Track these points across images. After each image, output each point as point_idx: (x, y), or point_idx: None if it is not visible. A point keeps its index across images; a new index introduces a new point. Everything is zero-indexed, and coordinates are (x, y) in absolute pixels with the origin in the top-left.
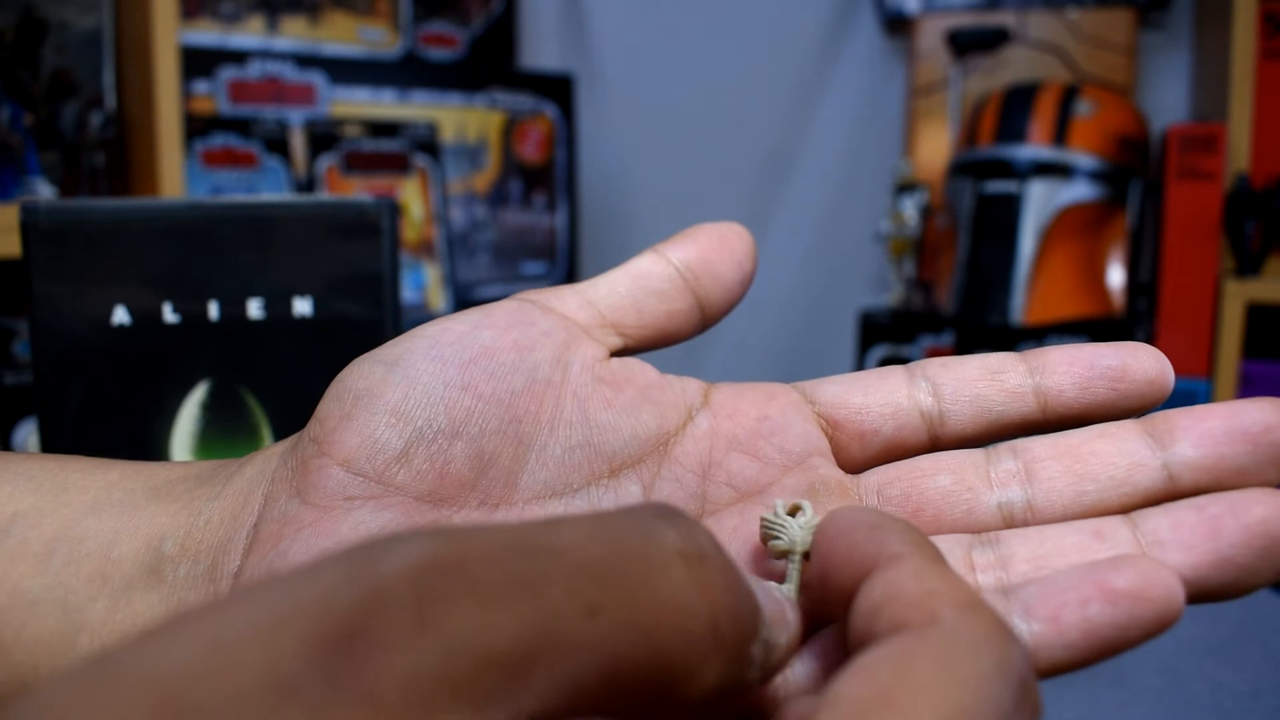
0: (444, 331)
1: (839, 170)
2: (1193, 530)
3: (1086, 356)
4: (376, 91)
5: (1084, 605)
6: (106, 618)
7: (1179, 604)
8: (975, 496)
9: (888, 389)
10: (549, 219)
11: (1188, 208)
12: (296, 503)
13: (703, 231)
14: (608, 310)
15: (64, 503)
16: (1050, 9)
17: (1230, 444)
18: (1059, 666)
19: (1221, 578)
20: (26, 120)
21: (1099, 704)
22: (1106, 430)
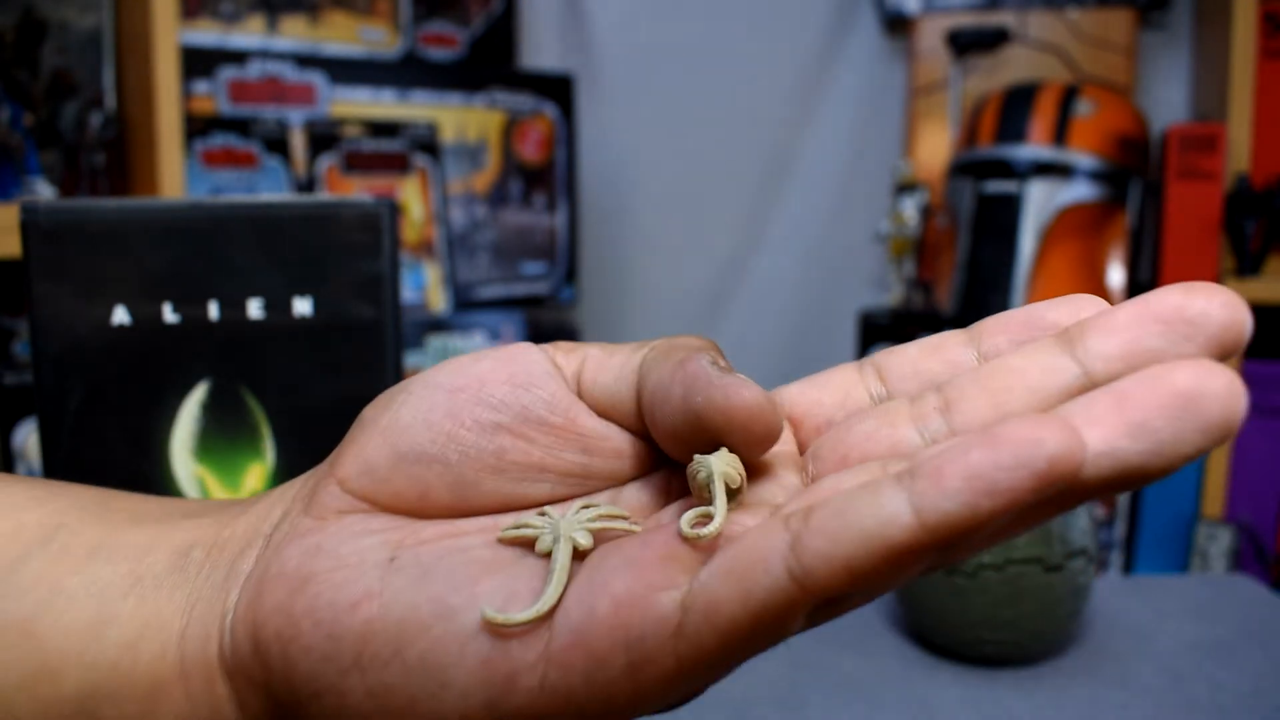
0: (449, 362)
1: (839, 170)
2: (1103, 404)
3: (1022, 315)
4: (376, 91)
5: (965, 453)
6: (134, 611)
7: (1073, 449)
8: (896, 431)
9: (838, 381)
10: (549, 219)
11: (1188, 208)
12: (303, 515)
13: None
14: (601, 398)
15: (105, 519)
16: (1050, 9)
17: (1142, 328)
18: (948, 519)
19: (1140, 445)
20: (26, 120)
21: (1099, 704)
22: (1023, 348)
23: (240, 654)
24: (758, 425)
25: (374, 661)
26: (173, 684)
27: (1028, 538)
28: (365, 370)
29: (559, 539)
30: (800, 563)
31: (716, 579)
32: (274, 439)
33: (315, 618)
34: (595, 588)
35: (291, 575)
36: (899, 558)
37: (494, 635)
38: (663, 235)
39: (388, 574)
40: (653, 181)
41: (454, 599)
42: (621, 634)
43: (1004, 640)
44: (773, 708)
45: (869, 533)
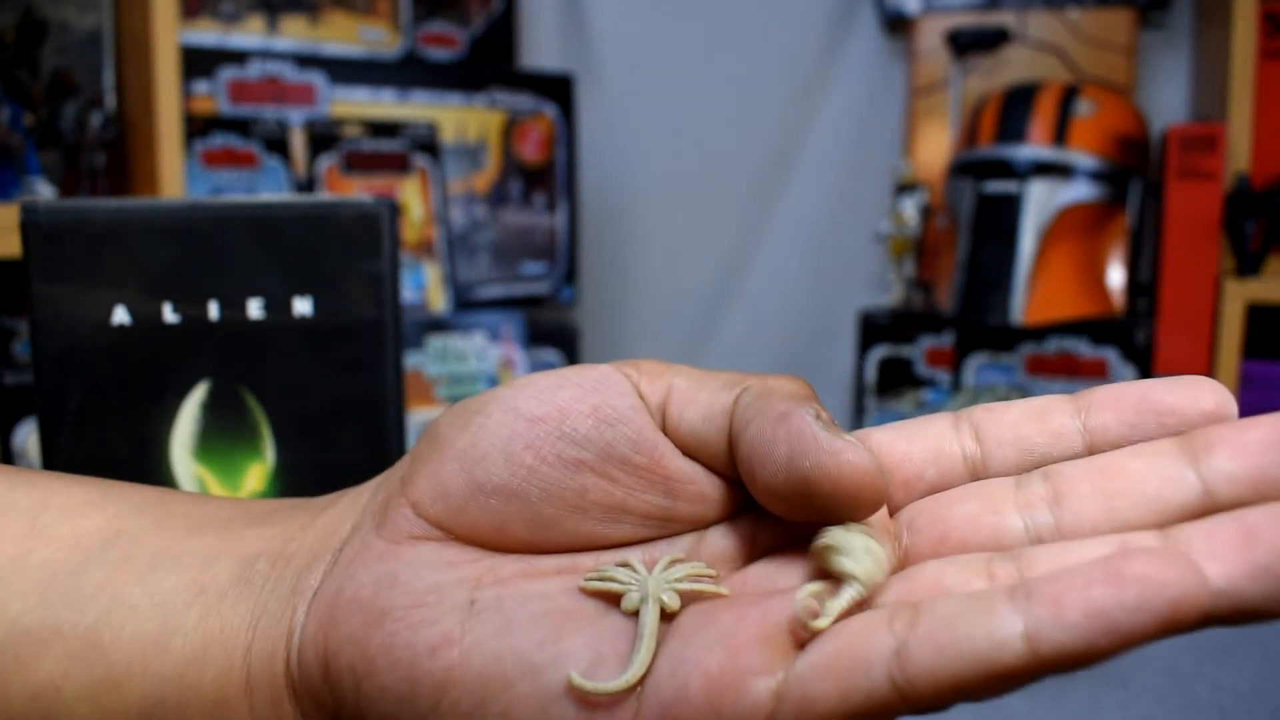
0: (529, 383)
1: (839, 170)
2: (1228, 538)
3: (1135, 392)
4: (376, 91)
5: (1087, 587)
6: (200, 623)
7: (1197, 593)
8: (1000, 519)
9: (931, 435)
10: (549, 219)
11: (1188, 208)
12: (374, 534)
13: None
14: (688, 437)
15: (166, 525)
16: (1050, 9)
17: (1273, 454)
18: (1063, 651)
19: (1261, 589)
20: (26, 120)
21: (1100, 704)
22: (1141, 448)
23: (309, 677)
24: (867, 494)
25: (453, 711)
26: (238, 699)
27: None
28: (365, 370)
29: (646, 599)
30: (905, 673)
31: (815, 673)
32: (274, 439)
33: (392, 657)
34: (688, 663)
35: (366, 605)
36: (1005, 681)
37: (580, 702)
38: (663, 235)
39: (468, 619)
40: (653, 181)
41: (538, 656)
42: (712, 716)
43: None
44: None
45: (979, 654)
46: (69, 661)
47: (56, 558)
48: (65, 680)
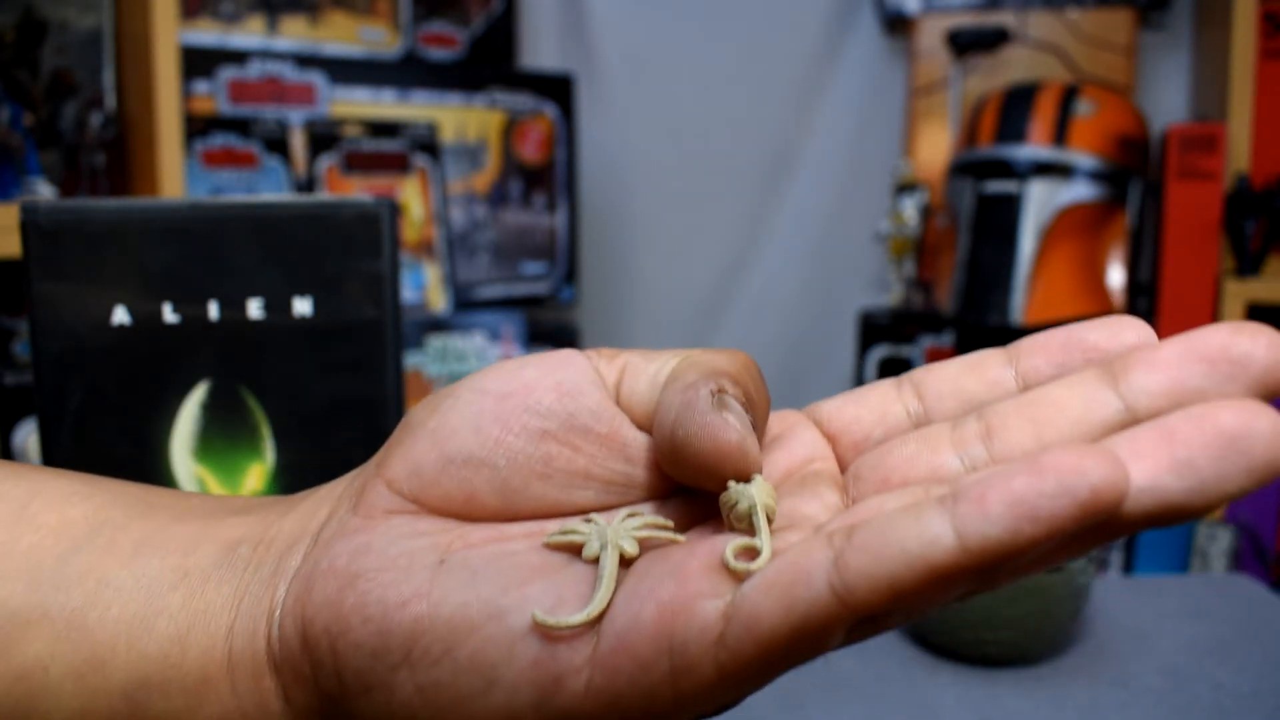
0: (495, 367)
1: (839, 170)
2: (1148, 439)
3: (1061, 335)
4: (376, 91)
5: (1009, 480)
6: (184, 604)
7: (1117, 479)
8: (938, 457)
9: (876, 398)
10: (549, 219)
11: (1188, 208)
12: (351, 514)
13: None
14: (638, 408)
15: (150, 515)
16: (1050, 9)
17: (1186, 366)
18: (990, 542)
19: (1184, 483)
20: (26, 120)
21: (1099, 704)
22: (1065, 380)
23: (288, 648)
24: (727, 467)
25: (424, 659)
26: (220, 677)
27: None
28: (365, 370)
29: (606, 545)
30: (843, 579)
31: (759, 591)
32: (274, 439)
33: (364, 614)
34: (641, 594)
35: (341, 572)
36: (940, 579)
37: (543, 638)
38: (663, 235)
39: (437, 575)
40: (653, 181)
41: (503, 600)
42: (665, 640)
43: (1004, 640)
44: (773, 708)
45: (911, 553)
46: (55, 643)
47: (44, 544)
48: (51, 661)
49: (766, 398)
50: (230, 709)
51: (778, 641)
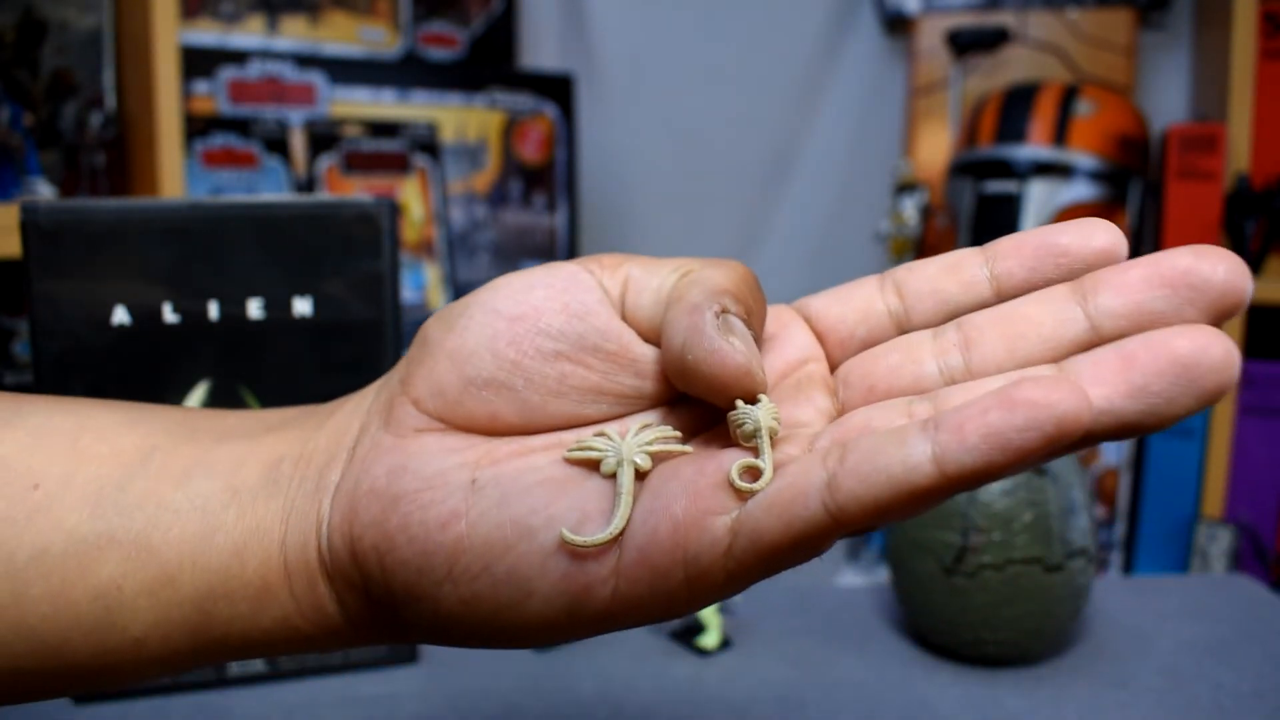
0: (504, 285)
1: (839, 170)
2: (1109, 364)
3: (1034, 238)
4: (376, 91)
5: (984, 413)
6: (237, 521)
7: (1080, 411)
8: (919, 367)
9: (860, 297)
10: (549, 219)
11: (1188, 208)
12: (382, 431)
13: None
14: (644, 323)
15: (194, 439)
16: (1050, 9)
17: (1149, 289)
18: (966, 469)
19: (1137, 406)
20: (26, 120)
21: (1099, 704)
22: (1038, 294)
23: (339, 561)
24: (737, 389)
25: (465, 574)
26: (279, 584)
27: (1027, 538)
28: (365, 370)
29: (622, 462)
30: (835, 500)
31: (761, 509)
32: None
33: (409, 534)
34: (657, 511)
35: (382, 493)
36: (920, 499)
37: (571, 555)
38: (663, 235)
39: (471, 496)
40: (653, 181)
41: (533, 520)
42: (680, 553)
43: (1004, 640)
44: (773, 708)
45: (896, 478)
46: (125, 564)
47: (101, 473)
48: (124, 580)
49: (764, 306)
50: (291, 611)
51: (778, 552)
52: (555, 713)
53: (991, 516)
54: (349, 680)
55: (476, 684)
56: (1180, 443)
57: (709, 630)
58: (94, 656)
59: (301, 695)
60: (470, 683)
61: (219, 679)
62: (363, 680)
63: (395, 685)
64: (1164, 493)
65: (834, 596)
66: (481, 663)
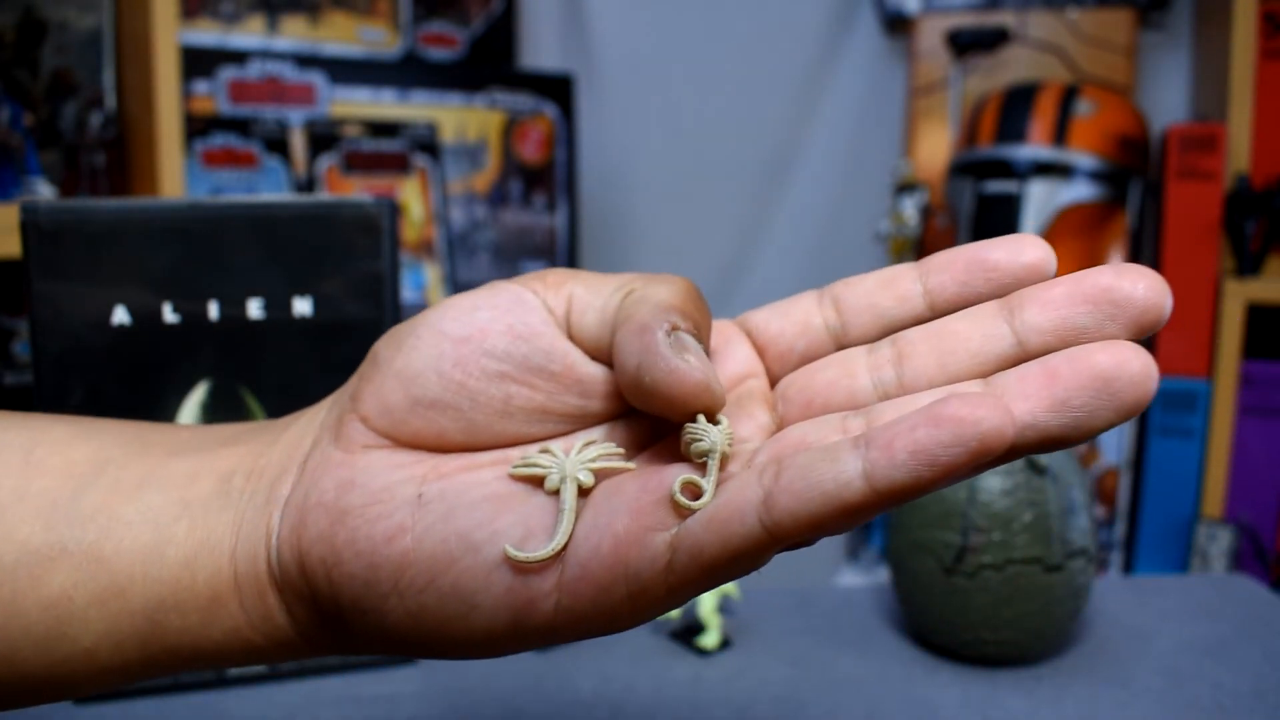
0: (451, 306)
1: (839, 170)
2: (1033, 380)
3: (965, 253)
4: (376, 91)
5: (912, 430)
6: (188, 533)
7: (1003, 427)
8: (854, 382)
9: (800, 311)
10: (549, 219)
11: (1188, 208)
12: (332, 446)
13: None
14: (589, 342)
15: (147, 452)
16: (1050, 9)
17: (1072, 305)
18: (895, 485)
19: (1060, 420)
20: (26, 120)
21: (1099, 704)
22: (969, 311)
23: (288, 573)
24: (697, 405)
25: (410, 588)
26: (229, 596)
27: (1028, 537)
28: None
29: (565, 479)
30: (771, 516)
31: (700, 525)
32: None
33: (355, 549)
34: (600, 527)
35: (330, 507)
36: (853, 514)
37: (515, 569)
38: (663, 235)
39: (417, 510)
40: (653, 181)
41: (477, 534)
42: (621, 569)
43: (1004, 640)
44: (773, 707)
45: (829, 494)
46: (76, 574)
47: (54, 486)
48: (75, 590)
49: (709, 318)
50: (240, 623)
51: (717, 567)
52: (555, 713)
53: (991, 516)
54: (349, 680)
55: (476, 684)
56: (1180, 443)
57: (709, 630)
58: (45, 667)
59: (301, 695)
60: (470, 683)
61: (219, 679)
62: (363, 680)
63: (395, 685)
64: (1164, 493)
65: (834, 596)
66: (481, 663)
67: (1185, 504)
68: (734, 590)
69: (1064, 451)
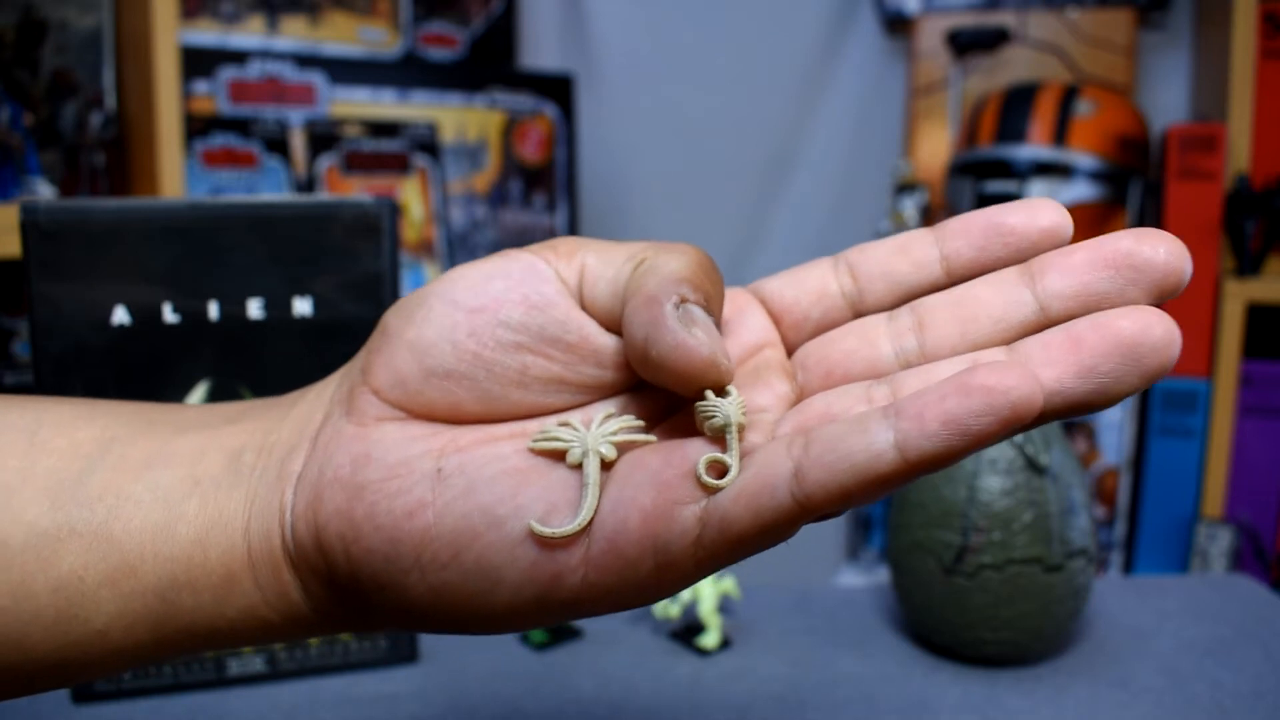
0: (462, 276)
1: (839, 170)
2: (1058, 346)
3: (982, 218)
4: (376, 91)
5: (942, 400)
6: (199, 510)
7: (1033, 395)
8: (875, 351)
9: (814, 279)
10: (549, 219)
11: (1188, 208)
12: (344, 420)
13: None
14: (602, 313)
15: (152, 431)
16: (1050, 9)
17: (1093, 271)
18: (927, 455)
19: (1087, 386)
20: (26, 120)
21: (1099, 704)
22: (989, 277)
23: (303, 549)
24: (704, 380)
25: (433, 563)
26: (243, 573)
27: (1027, 537)
28: None
29: (588, 453)
30: (803, 489)
31: (729, 499)
32: None
33: (375, 523)
34: (625, 501)
35: (346, 482)
36: (884, 485)
37: (540, 544)
38: (663, 235)
39: (437, 485)
40: (653, 181)
41: (500, 509)
42: (650, 543)
43: (1004, 640)
44: (773, 708)
45: (860, 466)
46: (86, 555)
47: (60, 466)
48: (85, 571)
49: (722, 289)
50: (255, 601)
51: (747, 540)
52: (555, 713)
53: (991, 516)
54: (349, 680)
55: (476, 684)
56: (1180, 443)
57: (709, 630)
58: (56, 650)
59: (301, 695)
60: (470, 683)
61: (219, 679)
62: (363, 680)
63: (395, 685)
64: (1164, 493)
65: (834, 596)
66: (481, 662)
67: (1185, 504)
68: (734, 590)
69: (1064, 451)
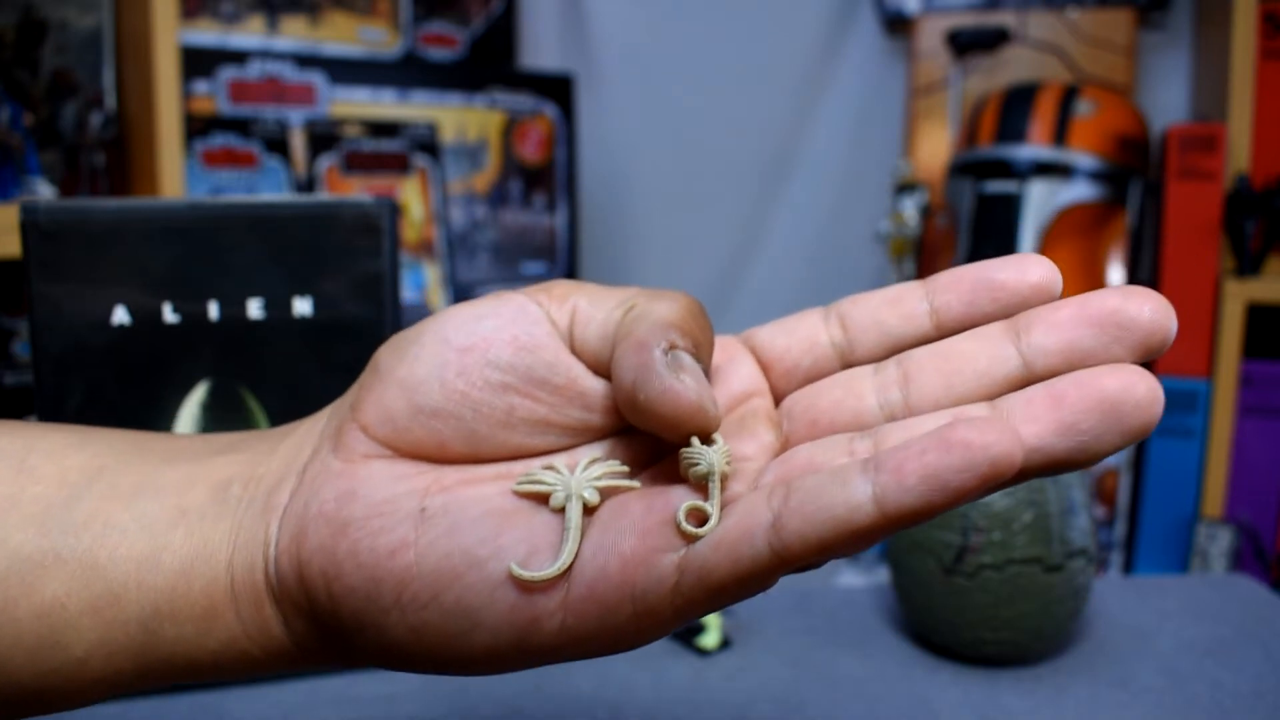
0: (454, 315)
1: (839, 170)
2: (1040, 403)
3: (972, 273)
4: (376, 91)
5: (922, 454)
6: (184, 541)
7: (1013, 451)
8: (860, 402)
9: (805, 328)
10: (549, 219)
11: (1188, 208)
12: (331, 455)
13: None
14: (591, 356)
15: (142, 459)
16: (1050, 9)
17: (1079, 328)
18: (906, 509)
19: (1067, 444)
20: (26, 120)
21: (1099, 704)
22: (975, 331)
23: (286, 584)
24: (691, 426)
25: (413, 603)
26: (225, 605)
27: (1027, 537)
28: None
29: (570, 497)
30: (780, 539)
31: (709, 547)
32: None
33: (357, 561)
34: (606, 547)
35: (331, 518)
36: (862, 538)
37: (519, 588)
38: (663, 235)
39: (420, 524)
40: (653, 181)
41: (481, 550)
42: (628, 590)
43: (1004, 640)
44: (773, 708)
45: (839, 518)
46: (70, 582)
47: (48, 493)
48: (69, 598)
49: (711, 336)
50: (237, 634)
51: (725, 588)
52: (555, 713)
53: (991, 516)
54: (349, 680)
55: (476, 684)
56: (1180, 443)
57: (709, 630)
58: (36, 676)
59: (301, 695)
60: (470, 683)
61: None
62: (362, 680)
63: (395, 685)
64: (1164, 493)
65: (834, 596)
66: None
67: (1185, 504)
68: None
69: None
